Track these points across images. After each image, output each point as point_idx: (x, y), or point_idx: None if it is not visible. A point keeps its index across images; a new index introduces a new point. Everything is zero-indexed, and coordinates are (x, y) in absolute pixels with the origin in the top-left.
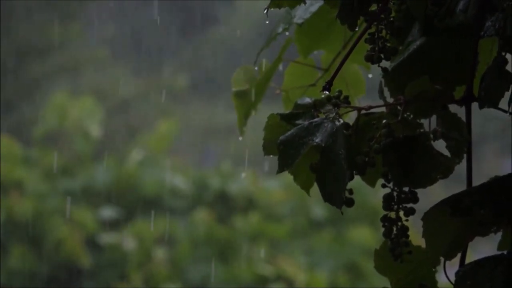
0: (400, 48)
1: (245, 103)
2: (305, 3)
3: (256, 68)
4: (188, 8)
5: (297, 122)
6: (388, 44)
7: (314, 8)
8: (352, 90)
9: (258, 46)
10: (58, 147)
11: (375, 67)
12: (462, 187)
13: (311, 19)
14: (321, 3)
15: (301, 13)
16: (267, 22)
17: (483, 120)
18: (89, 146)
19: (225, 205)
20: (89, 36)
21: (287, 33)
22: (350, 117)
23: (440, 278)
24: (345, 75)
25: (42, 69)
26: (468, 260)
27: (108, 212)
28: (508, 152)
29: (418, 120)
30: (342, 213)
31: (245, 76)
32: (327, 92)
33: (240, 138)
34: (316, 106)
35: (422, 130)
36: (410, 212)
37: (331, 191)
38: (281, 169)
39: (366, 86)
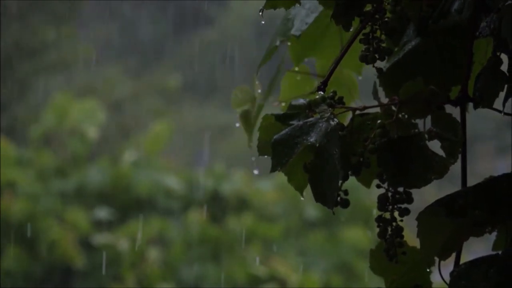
0: (395, 48)
1: (250, 121)
2: (299, 3)
3: (257, 82)
4: (181, 9)
5: (292, 122)
6: (383, 45)
7: (310, 19)
8: (347, 93)
9: (251, 46)
10: (54, 148)
11: (368, 68)
12: (457, 187)
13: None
14: (316, 14)
15: (298, 25)
16: (262, 22)
17: (477, 120)
18: (84, 148)
19: (218, 205)
20: (82, 36)
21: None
22: (346, 120)
23: (435, 278)
24: (340, 78)
25: (34, 69)
26: (463, 260)
27: (101, 213)
28: (501, 152)
29: (413, 121)
30: (333, 213)
31: (242, 97)
32: (322, 93)
33: (253, 159)
34: (311, 106)
35: (416, 131)
36: (404, 212)
37: (324, 191)
38: (274, 169)
39: (360, 87)
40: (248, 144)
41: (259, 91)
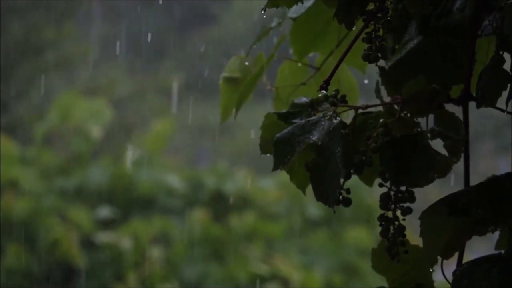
0: (397, 47)
1: (233, 89)
2: (302, 2)
3: (246, 63)
4: (183, 7)
5: (294, 121)
6: (385, 44)
7: (309, 3)
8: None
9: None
10: (56, 147)
11: (370, 67)
12: (459, 186)
13: (306, 20)
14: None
15: (296, 8)
16: (264, 22)
17: (479, 119)
18: (87, 147)
19: (220, 204)
20: (84, 35)
21: (281, 28)
22: (347, 118)
23: (437, 277)
24: (340, 79)
25: (36, 68)
26: (465, 259)
27: (103, 212)
28: (504, 151)
29: (415, 119)
30: (334, 212)
31: (239, 65)
32: (324, 91)
33: (220, 124)
34: (314, 104)
35: (419, 129)
36: (407, 211)
37: (325, 189)
38: (276, 167)
39: (362, 85)
40: (221, 115)
41: (246, 63)
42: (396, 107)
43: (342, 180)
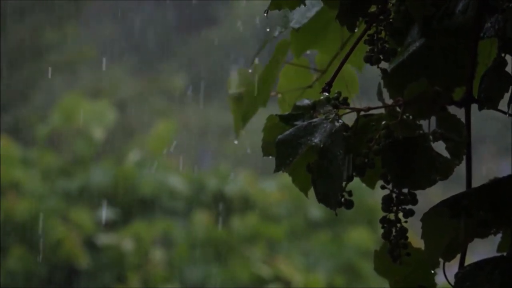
0: (399, 49)
1: (241, 106)
2: (304, 4)
3: (250, 71)
4: (185, 8)
5: (296, 123)
6: (387, 46)
7: (311, 13)
8: (347, 89)
9: (255, 47)
10: (59, 148)
11: (372, 69)
12: (461, 188)
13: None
14: (318, 8)
15: (298, 18)
16: (266, 24)
17: (481, 121)
18: (90, 148)
19: (222, 206)
20: (85, 36)
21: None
22: (351, 119)
23: (439, 279)
24: (343, 75)
25: (38, 70)
26: (468, 261)
27: (106, 213)
28: (505, 153)
29: (417, 121)
30: (336, 214)
31: (240, 79)
32: (327, 94)
33: (236, 142)
34: (316, 107)
35: (421, 132)
36: (409, 213)
37: (327, 192)
38: (278, 169)
39: (365, 87)
40: (235, 131)
41: (250, 71)
42: (398, 109)
43: (344, 182)
